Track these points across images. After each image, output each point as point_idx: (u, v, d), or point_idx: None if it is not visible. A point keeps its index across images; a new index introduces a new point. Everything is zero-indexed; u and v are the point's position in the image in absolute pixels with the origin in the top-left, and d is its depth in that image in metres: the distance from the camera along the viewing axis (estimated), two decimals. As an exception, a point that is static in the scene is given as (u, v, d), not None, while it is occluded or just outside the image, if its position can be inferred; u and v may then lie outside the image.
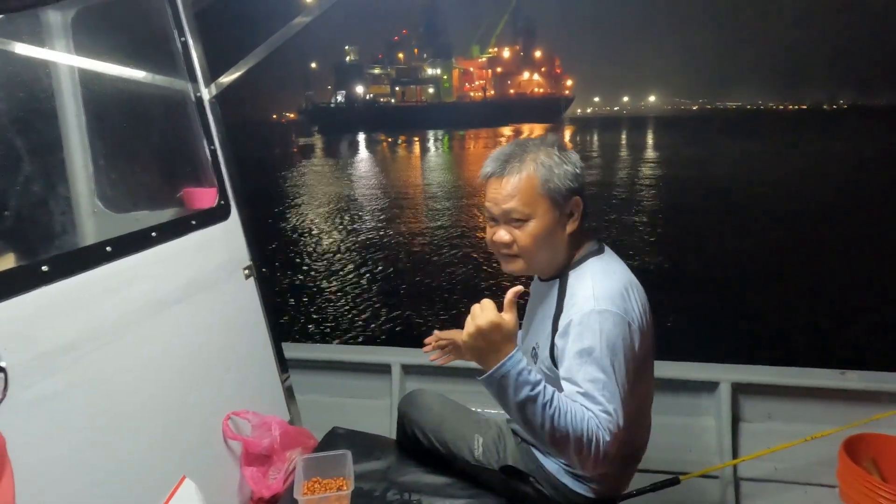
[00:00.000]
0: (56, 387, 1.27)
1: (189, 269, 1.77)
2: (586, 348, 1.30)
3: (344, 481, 1.74)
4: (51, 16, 1.68)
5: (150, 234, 1.61)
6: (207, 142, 1.84)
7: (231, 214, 1.93)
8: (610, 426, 1.25)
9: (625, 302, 1.36)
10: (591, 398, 1.27)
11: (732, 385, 2.38)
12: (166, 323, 1.64)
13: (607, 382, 1.28)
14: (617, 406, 1.27)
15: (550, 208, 1.43)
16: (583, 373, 1.29)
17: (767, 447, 2.19)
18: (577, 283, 1.43)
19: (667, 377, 2.41)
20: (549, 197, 1.42)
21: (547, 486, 1.59)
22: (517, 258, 1.48)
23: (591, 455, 1.24)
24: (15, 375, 1.15)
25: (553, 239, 1.45)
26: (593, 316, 1.32)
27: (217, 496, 1.78)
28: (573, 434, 1.22)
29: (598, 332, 1.31)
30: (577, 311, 1.35)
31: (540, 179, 1.41)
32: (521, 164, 1.43)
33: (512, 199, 1.42)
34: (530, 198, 1.42)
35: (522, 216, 1.42)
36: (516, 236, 1.45)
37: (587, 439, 1.22)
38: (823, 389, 2.34)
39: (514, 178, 1.42)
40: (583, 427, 1.23)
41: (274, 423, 1.97)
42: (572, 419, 1.23)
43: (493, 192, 1.47)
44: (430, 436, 1.80)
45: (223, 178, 1.89)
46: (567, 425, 1.22)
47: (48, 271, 1.25)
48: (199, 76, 1.80)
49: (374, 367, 2.74)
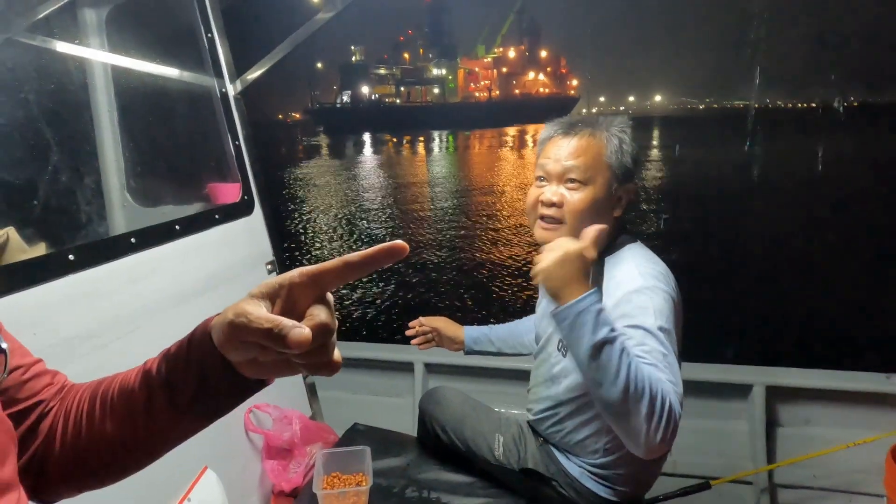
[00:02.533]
0: (76, 373, 1.28)
1: (212, 262, 1.79)
2: (640, 322, 1.22)
3: (363, 477, 1.75)
4: (87, 14, 1.71)
5: (174, 227, 1.63)
6: (232, 137, 1.85)
7: (254, 209, 1.94)
8: (679, 398, 1.14)
9: (666, 284, 1.31)
10: (655, 367, 1.16)
11: (767, 388, 2.28)
12: (188, 314, 1.65)
13: (667, 354, 1.19)
14: (678, 381, 1.18)
15: (610, 181, 1.38)
16: (642, 346, 1.19)
17: (805, 453, 2.08)
18: (616, 267, 1.37)
19: (697, 379, 2.32)
20: (614, 169, 1.38)
21: (569, 489, 1.52)
22: (560, 224, 1.39)
23: (663, 422, 1.10)
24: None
25: (601, 215, 1.38)
26: (644, 292, 1.26)
27: (238, 488, 1.80)
28: (649, 391, 1.10)
29: (649, 306, 1.24)
30: (623, 289, 1.28)
31: (609, 148, 1.37)
32: (593, 129, 1.39)
33: (577, 157, 1.37)
34: (596, 162, 1.37)
35: (583, 178, 1.36)
36: (568, 199, 1.38)
37: (662, 401, 1.10)
38: (867, 394, 2.21)
39: (583, 140, 1.38)
40: (659, 387, 1.11)
41: (295, 418, 1.99)
42: (649, 375, 1.12)
43: (554, 149, 1.41)
44: (451, 433, 1.75)
45: (247, 174, 1.91)
46: (644, 379, 1.10)
47: (74, 260, 1.27)
48: (225, 72, 1.82)
49: (396, 364, 2.73)
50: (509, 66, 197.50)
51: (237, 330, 0.51)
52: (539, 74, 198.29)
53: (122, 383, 0.64)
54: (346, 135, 78.35)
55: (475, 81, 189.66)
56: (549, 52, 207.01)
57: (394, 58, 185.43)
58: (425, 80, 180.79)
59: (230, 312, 0.52)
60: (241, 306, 0.52)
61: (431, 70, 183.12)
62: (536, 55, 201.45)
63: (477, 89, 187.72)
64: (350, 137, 70.00)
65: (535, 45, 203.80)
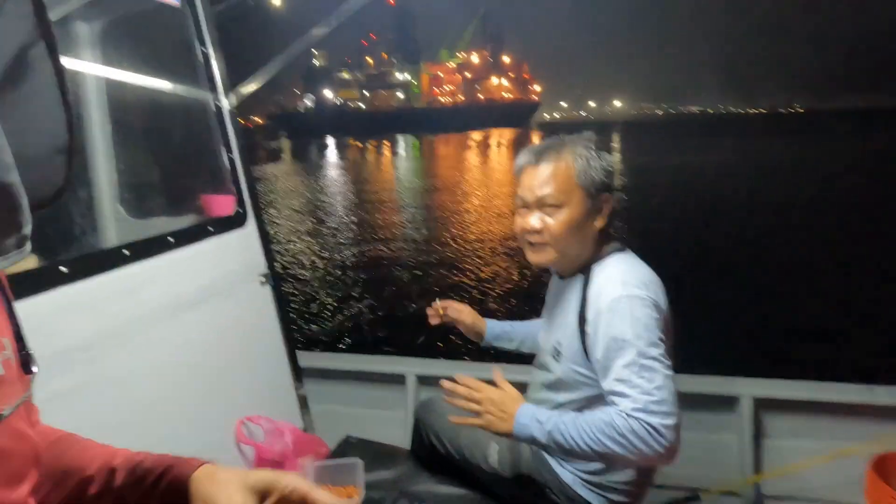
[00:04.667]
0: (69, 385, 1.28)
1: (205, 274, 1.78)
2: (619, 334, 1.30)
3: (355, 490, 1.74)
4: (80, 27, 1.69)
5: (166, 238, 1.62)
6: (226, 150, 1.85)
7: (248, 222, 1.94)
8: (653, 406, 1.23)
9: (651, 291, 1.37)
10: (630, 383, 1.26)
11: (754, 400, 2.27)
12: (181, 326, 1.65)
13: (645, 364, 1.26)
14: (660, 384, 1.26)
15: (584, 199, 1.45)
16: (619, 359, 1.28)
17: (791, 464, 2.12)
18: (602, 274, 1.44)
19: (683, 391, 2.29)
20: (584, 187, 1.45)
21: (562, 496, 1.55)
22: (546, 247, 1.48)
23: (647, 443, 1.23)
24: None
25: (583, 231, 1.47)
26: (623, 301, 1.33)
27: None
28: (612, 441, 1.24)
29: (629, 316, 1.30)
30: (606, 297, 1.36)
31: (577, 169, 1.44)
32: (558, 154, 1.46)
33: (548, 185, 1.45)
34: (566, 185, 1.44)
35: (557, 202, 1.44)
36: (548, 224, 1.46)
37: (630, 432, 1.23)
38: (851, 405, 2.21)
39: (551, 166, 1.46)
40: (613, 430, 1.24)
41: (287, 430, 1.98)
42: (602, 429, 1.25)
43: (527, 179, 1.49)
44: (446, 442, 1.77)
45: (241, 186, 1.91)
46: (602, 436, 1.25)
47: (67, 272, 1.27)
48: (219, 86, 1.82)
49: (388, 377, 2.71)
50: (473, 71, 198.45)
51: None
52: (502, 79, 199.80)
53: (80, 466, 0.65)
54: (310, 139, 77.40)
55: (439, 86, 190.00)
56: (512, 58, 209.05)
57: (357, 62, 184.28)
58: (390, 84, 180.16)
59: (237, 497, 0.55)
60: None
61: (396, 75, 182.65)
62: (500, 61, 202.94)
63: (441, 94, 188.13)
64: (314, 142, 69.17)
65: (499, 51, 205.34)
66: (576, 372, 1.47)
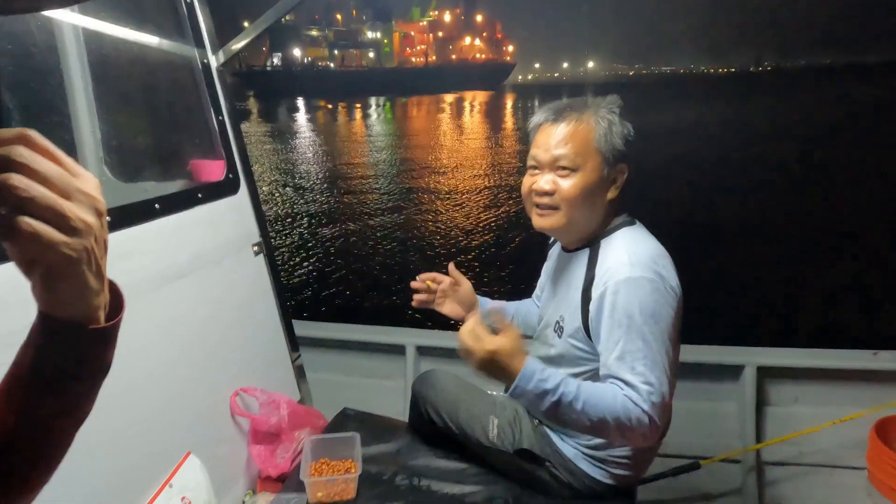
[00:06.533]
0: None
1: (194, 243, 1.70)
2: (624, 318, 1.27)
3: (352, 464, 1.72)
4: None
5: (153, 205, 1.54)
6: (215, 112, 1.74)
7: (240, 189, 1.85)
8: (652, 398, 1.22)
9: (661, 269, 1.33)
10: (632, 369, 1.24)
11: (758, 369, 2.28)
12: (170, 297, 1.59)
13: (648, 352, 1.25)
14: (659, 374, 1.24)
15: (601, 165, 1.39)
16: (622, 343, 1.26)
17: (793, 431, 2.13)
18: (609, 251, 1.39)
19: (688, 361, 2.25)
20: (603, 153, 1.39)
21: (563, 470, 1.54)
22: (555, 211, 1.42)
23: (638, 432, 1.23)
24: (11, 342, 1.08)
25: (594, 200, 1.41)
26: (630, 283, 1.29)
27: (223, 473, 1.76)
28: (612, 419, 1.22)
29: (634, 300, 1.27)
30: (612, 278, 1.31)
31: (598, 133, 1.38)
32: (580, 114, 1.40)
33: (565, 145, 1.38)
34: (584, 148, 1.38)
35: (572, 165, 1.38)
36: (560, 186, 1.40)
37: (626, 418, 1.22)
38: (854, 371, 2.23)
39: (570, 126, 1.39)
40: (617, 409, 1.22)
41: (283, 402, 1.95)
42: (605, 405, 1.22)
43: (543, 137, 1.42)
44: (445, 416, 1.74)
45: (232, 151, 1.81)
46: (602, 412, 1.22)
47: None
48: (207, 42, 1.69)
49: (388, 347, 2.68)
50: (445, 30, 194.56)
51: None
52: (475, 40, 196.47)
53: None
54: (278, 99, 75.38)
55: (411, 46, 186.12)
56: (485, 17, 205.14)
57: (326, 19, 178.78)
58: (360, 43, 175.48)
59: None
60: None
61: (366, 33, 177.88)
62: (472, 20, 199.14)
63: (413, 54, 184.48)
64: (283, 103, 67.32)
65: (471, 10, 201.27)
66: (577, 348, 1.44)
